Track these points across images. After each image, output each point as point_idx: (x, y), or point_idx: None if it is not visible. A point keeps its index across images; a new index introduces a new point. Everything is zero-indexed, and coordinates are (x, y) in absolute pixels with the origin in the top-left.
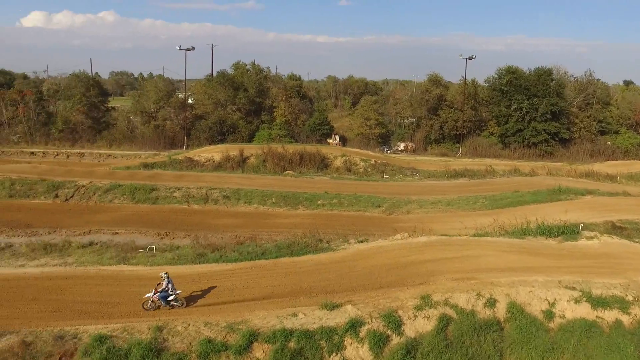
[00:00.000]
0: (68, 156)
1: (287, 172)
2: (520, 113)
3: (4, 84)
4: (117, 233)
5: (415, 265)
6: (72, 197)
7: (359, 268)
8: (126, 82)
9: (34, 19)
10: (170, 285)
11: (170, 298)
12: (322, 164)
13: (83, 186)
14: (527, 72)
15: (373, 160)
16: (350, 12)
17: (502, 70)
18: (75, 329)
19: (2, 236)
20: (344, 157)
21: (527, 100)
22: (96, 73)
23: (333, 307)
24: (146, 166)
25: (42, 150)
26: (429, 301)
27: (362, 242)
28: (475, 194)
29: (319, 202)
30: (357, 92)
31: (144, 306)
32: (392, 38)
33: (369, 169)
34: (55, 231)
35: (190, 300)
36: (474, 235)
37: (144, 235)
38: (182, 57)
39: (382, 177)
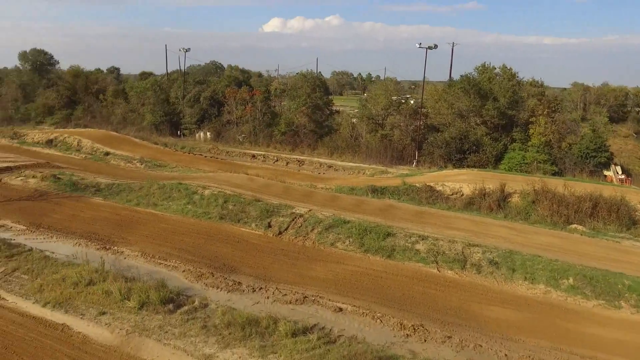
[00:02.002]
0: (287, 162)
1: (573, 225)
2: None
3: (242, 81)
4: (341, 310)
5: None
6: (286, 229)
7: None
8: (346, 82)
9: (273, 25)
10: None
11: None
12: (628, 219)
13: (300, 216)
14: None
15: None
16: (586, 9)
17: None
18: None
19: (200, 283)
20: None
21: None
22: (319, 72)
23: None
24: (375, 191)
25: (262, 153)
26: None
27: None
28: None
29: None
30: (614, 103)
31: None
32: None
33: None
34: (261, 288)
35: None
36: None
37: (379, 322)
38: (398, 59)
39: None
